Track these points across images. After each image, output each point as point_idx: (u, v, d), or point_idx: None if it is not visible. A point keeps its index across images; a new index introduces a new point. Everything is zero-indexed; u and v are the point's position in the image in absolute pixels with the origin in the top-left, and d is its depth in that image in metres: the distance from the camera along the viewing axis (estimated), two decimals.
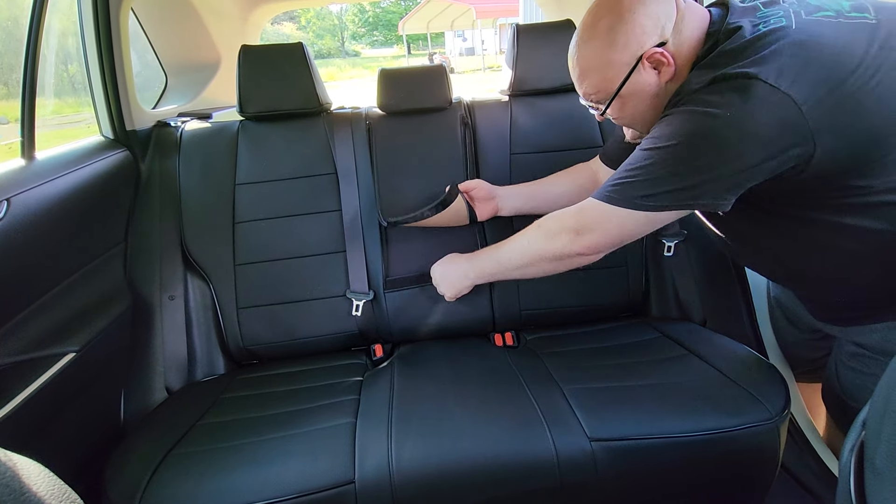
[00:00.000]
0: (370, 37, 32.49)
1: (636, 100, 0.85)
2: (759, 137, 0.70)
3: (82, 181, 1.11)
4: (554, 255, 0.92)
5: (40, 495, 0.37)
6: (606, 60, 0.82)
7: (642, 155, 0.80)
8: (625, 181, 0.81)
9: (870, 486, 0.36)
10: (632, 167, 0.81)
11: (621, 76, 0.82)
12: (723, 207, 0.77)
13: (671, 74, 0.81)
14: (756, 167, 0.72)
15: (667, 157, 0.76)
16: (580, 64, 0.86)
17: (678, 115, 0.77)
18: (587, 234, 0.87)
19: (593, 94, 0.88)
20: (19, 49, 1.04)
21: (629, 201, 0.80)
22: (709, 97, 0.73)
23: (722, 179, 0.74)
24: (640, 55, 0.80)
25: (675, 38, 0.80)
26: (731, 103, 0.70)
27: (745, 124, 0.70)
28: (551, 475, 0.84)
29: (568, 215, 0.90)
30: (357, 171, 1.31)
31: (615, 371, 1.02)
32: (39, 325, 0.95)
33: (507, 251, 1.01)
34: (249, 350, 1.25)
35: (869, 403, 0.39)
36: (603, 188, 0.85)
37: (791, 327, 1.12)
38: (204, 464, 0.87)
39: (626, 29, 0.79)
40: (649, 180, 0.78)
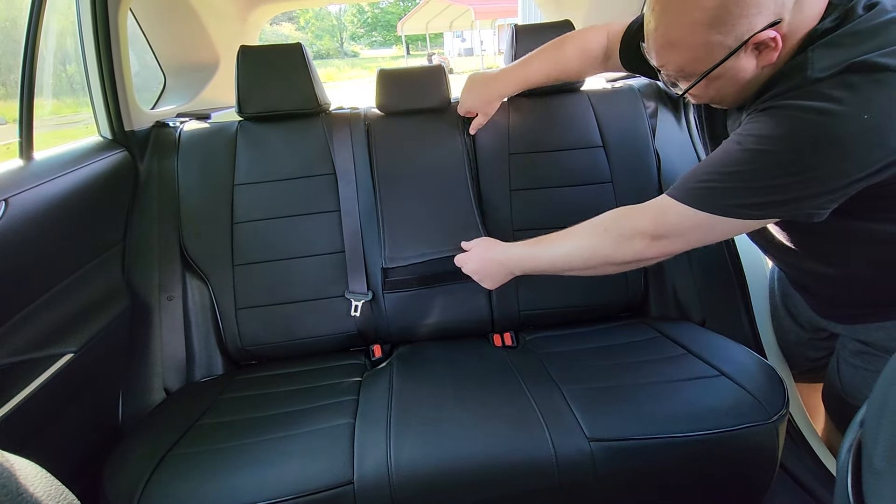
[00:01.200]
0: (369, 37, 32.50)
1: (723, 83, 0.71)
2: (890, 145, 0.61)
3: (81, 181, 1.11)
4: (624, 261, 0.83)
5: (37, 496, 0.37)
6: (704, 41, 0.67)
7: (743, 156, 0.68)
8: (719, 185, 0.70)
9: (868, 485, 0.36)
10: (729, 169, 0.69)
11: (716, 59, 0.68)
12: (821, 217, 0.68)
13: (773, 59, 0.67)
14: (875, 174, 0.63)
15: (778, 164, 0.65)
16: (668, 36, 0.70)
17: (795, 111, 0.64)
18: (666, 239, 0.77)
19: (674, 70, 0.74)
20: (18, 49, 1.04)
21: (724, 209, 0.70)
22: (839, 92, 0.61)
23: (836, 190, 0.64)
24: (746, 39, 0.65)
25: (794, 15, 0.64)
26: (868, 104, 0.59)
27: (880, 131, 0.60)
28: (550, 475, 0.84)
29: (643, 218, 0.79)
30: (356, 172, 1.31)
31: (614, 371, 1.02)
32: (37, 325, 0.95)
33: (564, 252, 0.89)
34: (248, 350, 1.25)
35: (867, 403, 0.39)
36: (688, 188, 0.73)
37: (795, 326, 1.12)
38: (202, 464, 0.87)
39: (741, 7, 0.63)
40: (752, 189, 0.67)
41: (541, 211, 1.29)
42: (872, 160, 0.61)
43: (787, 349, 1.19)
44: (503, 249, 1.02)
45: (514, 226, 1.29)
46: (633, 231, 0.80)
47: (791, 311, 1.13)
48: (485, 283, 1.06)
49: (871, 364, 0.86)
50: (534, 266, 0.97)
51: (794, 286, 1.03)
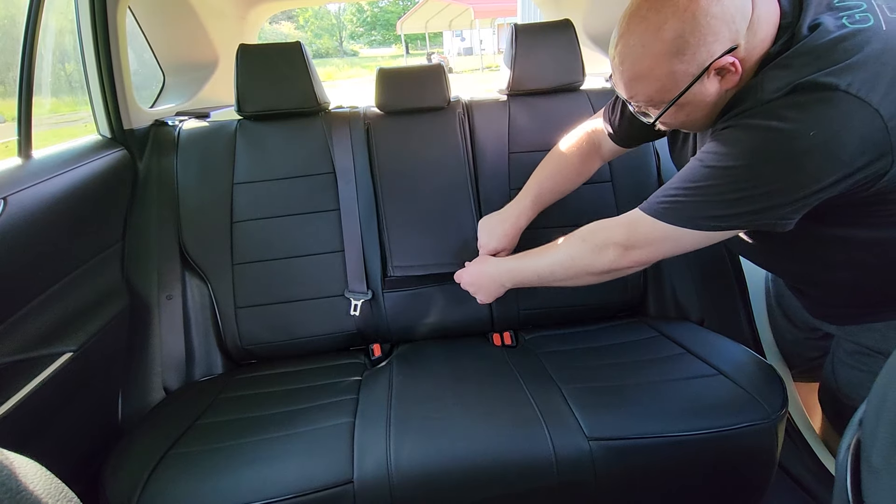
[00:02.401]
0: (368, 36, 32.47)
1: (691, 108, 0.76)
2: (841, 159, 0.64)
3: (79, 180, 1.11)
4: (601, 270, 0.88)
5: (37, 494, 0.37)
6: (669, 70, 0.71)
7: (705, 172, 0.72)
8: (684, 199, 0.74)
9: (866, 484, 0.36)
10: (692, 184, 0.74)
11: (681, 86, 0.72)
12: (787, 227, 0.71)
13: (734, 83, 0.71)
14: (831, 186, 0.66)
15: (736, 178, 0.69)
16: (634, 69, 0.74)
17: (750, 130, 0.68)
18: (637, 249, 0.82)
19: (643, 101, 0.78)
20: (16, 48, 1.04)
21: (689, 221, 0.75)
22: (788, 112, 0.65)
23: (795, 202, 0.68)
24: (707, 65, 0.69)
25: (748, 41, 0.69)
26: (815, 122, 0.63)
27: (829, 146, 0.63)
28: (550, 474, 0.84)
29: (616, 229, 0.85)
30: (355, 171, 1.31)
31: (613, 370, 1.03)
32: (37, 324, 0.95)
33: (548, 263, 0.95)
34: (247, 350, 1.25)
35: (865, 402, 0.39)
36: (656, 202, 0.79)
37: (790, 326, 1.13)
38: (202, 464, 0.87)
39: (698, 37, 0.67)
40: (713, 202, 0.72)
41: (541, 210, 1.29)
42: (824, 174, 0.65)
43: (784, 349, 1.19)
44: (495, 263, 1.08)
45: None
46: (606, 241, 0.86)
47: (786, 311, 1.14)
48: (479, 297, 1.11)
49: (865, 364, 0.87)
50: (521, 278, 1.02)
51: (787, 287, 1.04)
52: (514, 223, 1.16)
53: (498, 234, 1.16)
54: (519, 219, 1.16)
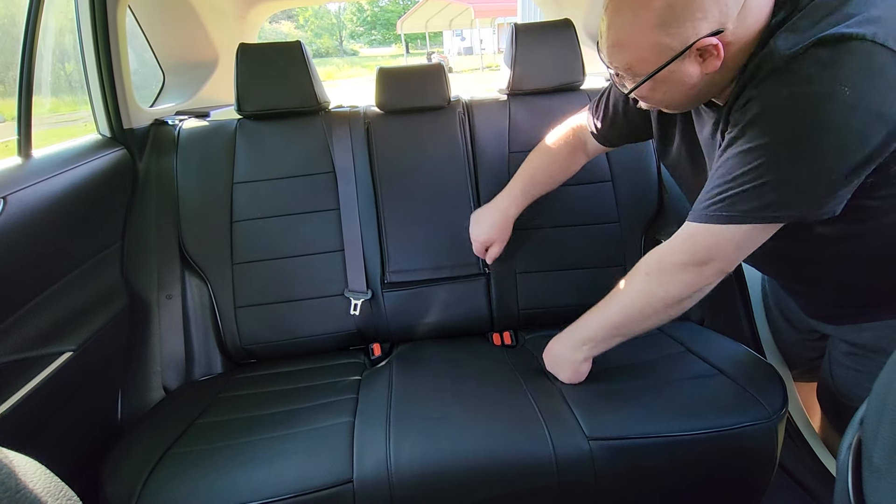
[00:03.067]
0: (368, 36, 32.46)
1: (669, 87, 0.74)
2: (882, 113, 0.59)
3: (79, 179, 1.11)
4: (680, 297, 0.81)
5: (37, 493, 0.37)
6: (652, 42, 0.69)
7: (742, 158, 0.68)
8: (729, 193, 0.70)
9: (868, 484, 0.36)
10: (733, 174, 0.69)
11: (662, 61, 0.70)
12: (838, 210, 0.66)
13: (715, 67, 0.69)
14: (880, 147, 0.61)
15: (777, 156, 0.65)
16: (617, 36, 0.72)
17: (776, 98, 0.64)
18: (709, 264, 0.76)
19: (621, 67, 0.75)
20: (16, 47, 1.04)
21: (742, 216, 0.69)
22: (813, 70, 0.60)
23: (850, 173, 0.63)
24: (691, 43, 0.67)
25: (737, 27, 0.66)
26: (846, 76, 0.58)
27: (867, 102, 0.59)
28: (549, 474, 0.84)
29: (676, 252, 0.79)
30: (355, 170, 1.30)
31: (613, 370, 1.02)
32: (36, 323, 0.95)
33: (619, 311, 0.88)
34: (247, 349, 1.25)
35: (866, 402, 0.39)
36: (703, 208, 0.74)
37: (788, 327, 1.13)
38: (201, 463, 0.87)
39: (687, 10, 0.65)
40: (759, 187, 0.67)
41: (540, 209, 1.29)
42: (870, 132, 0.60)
43: (784, 349, 1.19)
44: (564, 338, 0.98)
45: (514, 225, 1.29)
46: (672, 265, 0.80)
47: (784, 313, 1.14)
48: (562, 377, 0.98)
49: (861, 364, 0.87)
50: (596, 337, 0.92)
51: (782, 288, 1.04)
52: (504, 212, 1.15)
53: (488, 225, 1.16)
54: (509, 208, 1.16)
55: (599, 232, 1.29)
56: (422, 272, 1.26)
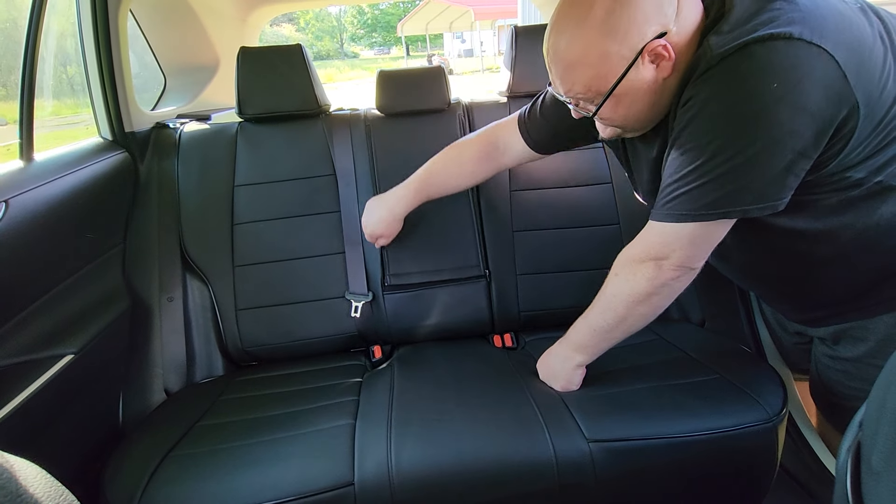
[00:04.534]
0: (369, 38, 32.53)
1: (631, 98, 0.74)
2: (809, 109, 0.62)
3: (81, 183, 1.11)
4: (643, 292, 0.81)
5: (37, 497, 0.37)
6: (602, 53, 0.70)
7: (688, 157, 0.70)
8: (678, 193, 0.72)
9: (866, 486, 0.36)
10: (679, 175, 0.71)
11: (618, 72, 0.70)
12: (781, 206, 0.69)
13: (669, 71, 0.71)
14: (812, 143, 0.64)
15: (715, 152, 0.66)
16: (567, 56, 0.73)
17: (711, 97, 0.66)
18: (666, 259, 0.78)
19: (582, 92, 0.75)
20: (18, 51, 1.04)
21: (690, 215, 0.72)
22: (744, 66, 0.63)
23: (786, 168, 0.65)
24: (640, 48, 0.68)
25: (678, 26, 0.68)
26: (774, 72, 0.61)
27: (794, 97, 0.61)
28: (550, 476, 0.84)
29: (636, 246, 0.82)
30: (356, 173, 1.31)
31: (613, 372, 1.02)
32: (38, 326, 0.95)
33: (596, 314, 0.89)
34: (248, 351, 1.25)
35: (865, 404, 0.39)
36: (658, 207, 0.77)
37: (781, 330, 1.13)
38: (203, 465, 0.87)
39: (628, 14, 0.67)
40: (703, 185, 0.69)
41: (540, 212, 1.29)
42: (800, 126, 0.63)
43: (782, 350, 1.19)
44: (561, 341, 0.99)
45: (514, 227, 1.29)
46: (632, 261, 0.82)
47: (775, 317, 1.15)
48: (558, 387, 0.98)
49: (839, 364, 0.89)
50: (580, 339, 0.94)
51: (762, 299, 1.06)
52: (391, 210, 1.16)
53: (375, 219, 1.17)
54: (396, 206, 1.16)
55: (599, 234, 1.29)
56: (422, 274, 1.27)
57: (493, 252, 1.28)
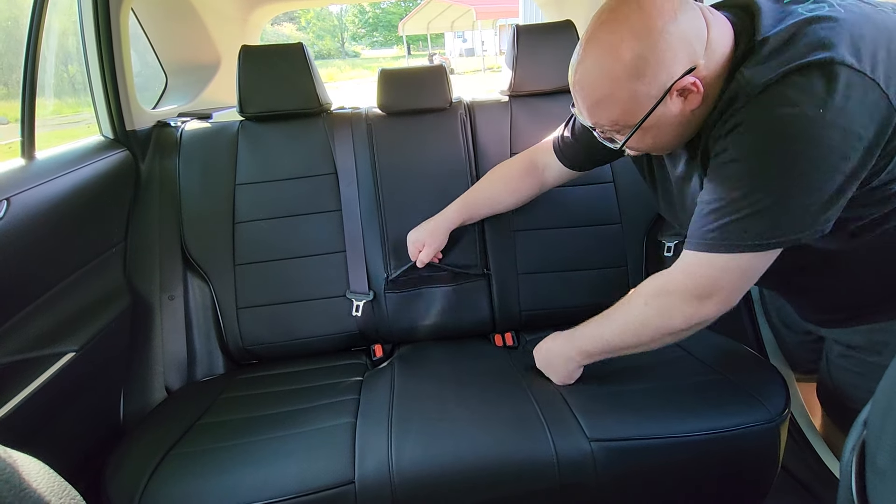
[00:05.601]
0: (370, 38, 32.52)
1: (658, 130, 0.74)
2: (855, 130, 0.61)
3: (82, 181, 1.11)
4: (679, 329, 0.80)
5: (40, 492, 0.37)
6: (630, 93, 0.69)
7: (729, 186, 0.68)
8: (726, 220, 0.69)
9: (871, 485, 0.36)
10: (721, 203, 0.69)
11: (645, 109, 0.70)
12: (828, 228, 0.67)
13: (698, 102, 0.70)
14: (861, 163, 0.63)
15: (763, 180, 0.66)
16: (596, 93, 0.72)
17: (758, 124, 0.65)
18: (711, 297, 0.75)
19: (608, 126, 0.76)
20: (19, 49, 1.04)
21: (740, 245, 0.69)
22: (789, 94, 0.62)
23: (837, 192, 0.64)
24: (669, 86, 0.68)
25: (707, 60, 0.68)
26: (820, 98, 0.60)
27: (844, 121, 0.61)
28: (551, 475, 0.84)
29: (677, 281, 0.77)
30: (357, 172, 1.31)
31: (615, 372, 1.02)
32: (39, 324, 0.95)
33: (612, 330, 0.87)
34: (249, 350, 1.25)
35: (871, 402, 0.39)
36: (702, 234, 0.72)
37: (786, 329, 1.13)
38: (203, 463, 0.87)
39: (656, 56, 0.66)
40: (751, 215, 0.67)
41: (541, 211, 1.29)
42: (849, 149, 0.62)
43: (785, 350, 1.19)
44: (563, 338, 0.98)
45: (515, 226, 1.29)
46: (674, 297, 0.78)
47: (780, 315, 1.14)
48: (553, 378, 1.00)
49: (855, 365, 0.88)
50: (592, 349, 0.92)
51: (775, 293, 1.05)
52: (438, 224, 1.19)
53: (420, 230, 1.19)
54: (442, 220, 1.19)
55: (601, 233, 1.28)
56: (423, 273, 1.26)
57: (494, 251, 1.28)
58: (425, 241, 1.18)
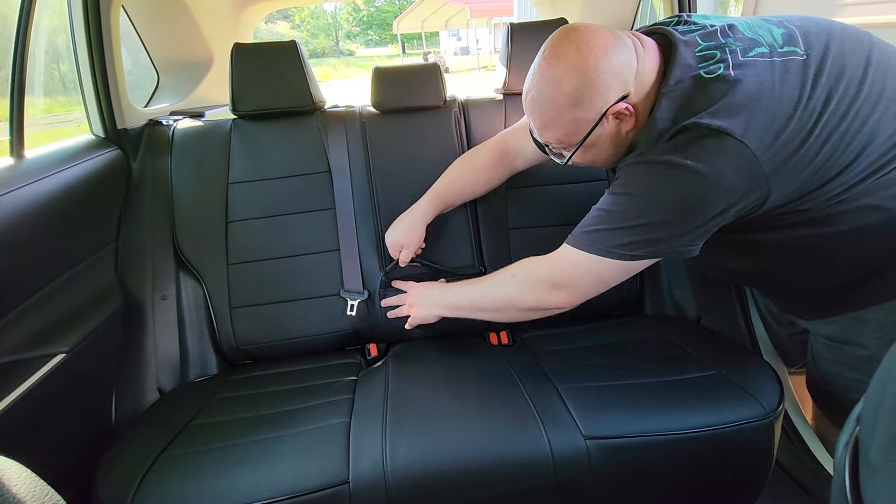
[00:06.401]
0: (364, 36, 32.43)
1: (597, 147, 0.85)
2: (724, 186, 0.73)
3: (73, 180, 1.10)
4: (527, 307, 0.93)
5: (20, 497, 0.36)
6: (571, 118, 0.81)
7: (612, 199, 0.81)
8: (599, 228, 0.82)
9: (864, 481, 0.36)
10: (603, 212, 0.82)
11: (585, 131, 0.82)
12: (693, 253, 0.80)
13: (632, 124, 0.81)
14: (722, 214, 0.75)
15: (638, 205, 0.78)
16: (542, 118, 0.84)
17: (647, 164, 0.78)
18: (564, 288, 0.88)
19: (554, 144, 0.88)
20: (8, 47, 1.03)
21: (605, 250, 0.81)
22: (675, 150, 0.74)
23: (694, 229, 0.77)
24: (604, 111, 0.79)
25: (637, 88, 0.79)
26: (703, 159, 0.72)
27: (716, 180, 0.72)
28: (546, 473, 0.84)
29: (545, 267, 0.90)
30: (351, 170, 1.30)
31: (610, 369, 1.02)
32: (29, 325, 0.94)
33: (479, 291, 1.00)
34: (243, 350, 1.24)
35: (863, 399, 0.39)
36: (578, 235, 0.85)
37: (776, 323, 1.14)
38: (197, 465, 0.86)
39: (591, 89, 0.77)
40: (626, 229, 0.79)
41: (536, 208, 1.29)
42: (713, 200, 0.74)
43: (778, 346, 1.19)
44: (440, 287, 1.13)
45: (510, 224, 1.29)
46: (535, 278, 0.91)
47: (769, 309, 1.16)
48: (413, 310, 1.12)
49: (837, 356, 0.91)
50: (454, 300, 1.06)
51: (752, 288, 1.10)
52: (413, 220, 1.20)
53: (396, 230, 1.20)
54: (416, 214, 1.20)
55: None
56: (419, 272, 1.26)
57: (489, 249, 1.28)
58: (403, 243, 1.19)
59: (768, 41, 0.77)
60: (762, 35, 0.78)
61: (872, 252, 0.79)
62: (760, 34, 0.78)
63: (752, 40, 0.77)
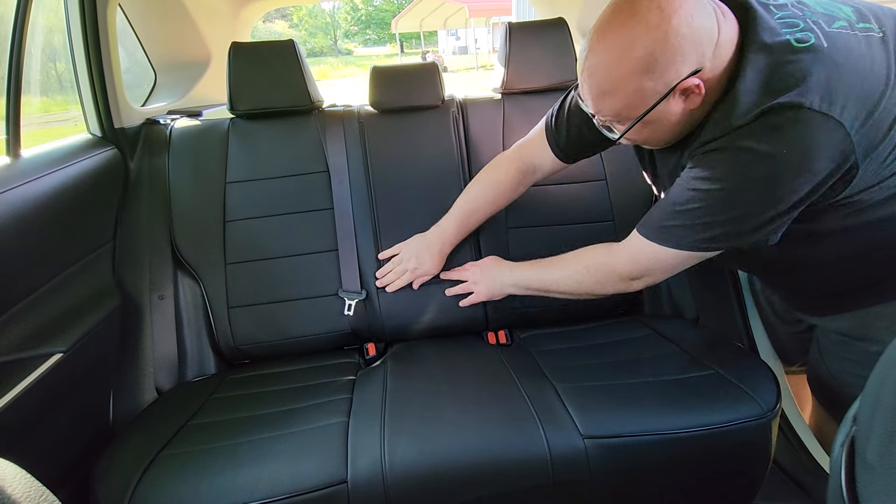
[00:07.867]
0: (363, 35, 32.40)
1: (656, 125, 0.77)
2: (814, 170, 0.68)
3: (69, 179, 1.10)
4: (605, 294, 0.96)
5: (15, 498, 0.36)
6: (637, 87, 0.72)
7: (692, 195, 0.76)
8: (678, 224, 0.79)
9: (861, 480, 0.36)
10: (683, 208, 0.78)
11: (648, 104, 0.73)
12: (775, 240, 0.76)
13: (698, 103, 0.73)
14: (808, 195, 0.70)
15: (722, 199, 0.74)
16: (603, 85, 0.75)
17: (727, 153, 0.72)
18: (643, 278, 0.88)
19: (610, 116, 0.79)
20: (4, 45, 1.02)
21: (686, 244, 0.79)
22: (760, 134, 0.69)
23: (779, 216, 0.72)
24: (674, 84, 0.70)
25: (713, 63, 0.71)
26: (786, 141, 0.67)
27: (801, 161, 0.67)
28: (544, 472, 0.84)
29: (621, 263, 0.89)
30: (349, 170, 1.30)
31: (608, 368, 1.03)
32: (26, 325, 0.94)
33: (552, 276, 1.01)
34: (241, 350, 1.24)
35: (859, 398, 0.39)
36: (657, 227, 0.82)
37: (776, 319, 1.14)
38: (194, 464, 0.86)
39: (667, 56, 0.68)
40: (705, 224, 0.76)
41: (535, 209, 1.29)
42: (800, 185, 0.69)
43: (777, 345, 1.20)
44: (508, 266, 1.13)
45: (509, 223, 1.29)
46: (612, 274, 0.91)
47: (773, 307, 1.15)
48: (478, 289, 1.15)
49: (849, 353, 0.90)
50: (529, 281, 1.07)
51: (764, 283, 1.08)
52: (440, 249, 1.20)
53: (426, 259, 1.20)
54: (444, 245, 1.20)
55: (594, 230, 1.29)
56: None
57: (488, 249, 1.28)
58: (421, 272, 1.20)
59: (843, 16, 0.71)
60: (833, 10, 0.72)
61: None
62: (831, 9, 0.72)
63: (826, 14, 0.71)
